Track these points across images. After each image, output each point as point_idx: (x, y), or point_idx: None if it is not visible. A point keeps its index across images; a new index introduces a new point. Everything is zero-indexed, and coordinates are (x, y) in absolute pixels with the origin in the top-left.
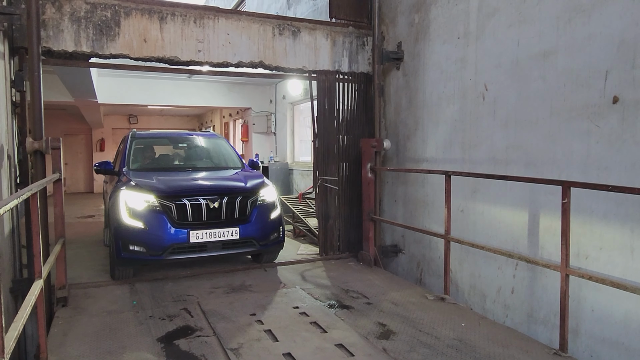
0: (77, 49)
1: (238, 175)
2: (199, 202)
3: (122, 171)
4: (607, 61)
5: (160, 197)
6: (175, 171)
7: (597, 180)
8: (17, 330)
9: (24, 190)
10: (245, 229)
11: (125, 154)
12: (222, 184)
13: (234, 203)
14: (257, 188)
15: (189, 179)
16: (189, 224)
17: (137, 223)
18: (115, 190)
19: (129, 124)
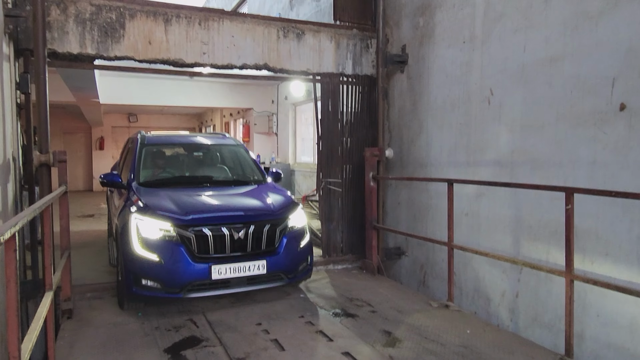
0: (82, 51)
1: (263, 195)
2: (222, 232)
3: (131, 186)
4: (615, 68)
5: (178, 226)
6: (191, 187)
7: (603, 186)
8: (32, 342)
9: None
10: (273, 262)
11: (134, 164)
12: (247, 209)
13: (261, 232)
14: (286, 213)
15: (209, 202)
16: (211, 258)
17: (150, 255)
18: (125, 213)
19: (129, 123)
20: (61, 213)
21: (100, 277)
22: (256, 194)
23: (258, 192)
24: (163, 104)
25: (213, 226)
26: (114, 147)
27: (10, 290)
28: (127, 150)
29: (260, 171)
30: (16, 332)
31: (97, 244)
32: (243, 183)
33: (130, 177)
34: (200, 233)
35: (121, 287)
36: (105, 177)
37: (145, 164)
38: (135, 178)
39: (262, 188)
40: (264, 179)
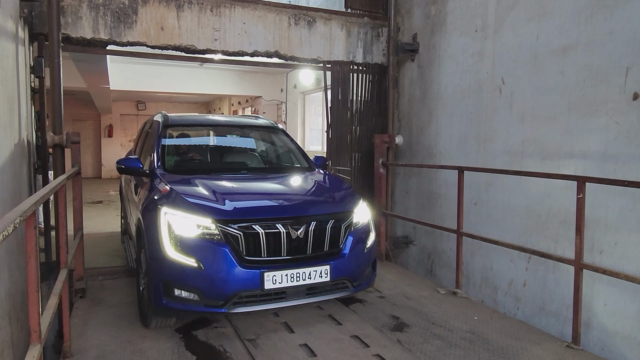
0: (95, 36)
1: (319, 185)
2: (278, 229)
3: (155, 173)
4: (629, 57)
5: (222, 222)
6: (228, 175)
7: (614, 176)
8: (50, 317)
9: (53, 183)
10: (338, 266)
11: (157, 147)
12: (307, 201)
13: (324, 230)
14: (350, 206)
15: (257, 192)
16: (263, 262)
17: (186, 259)
18: (151, 206)
19: (137, 110)
20: (74, 194)
21: (112, 261)
22: (310, 183)
23: (311, 181)
24: (172, 91)
25: (266, 222)
26: (123, 134)
27: (31, 266)
28: (144, 135)
29: (304, 157)
30: (37, 307)
31: (107, 230)
32: (287, 170)
33: (153, 163)
34: (250, 231)
35: (147, 298)
36: (123, 163)
37: (171, 148)
38: (160, 164)
39: (313, 176)
40: (310, 166)
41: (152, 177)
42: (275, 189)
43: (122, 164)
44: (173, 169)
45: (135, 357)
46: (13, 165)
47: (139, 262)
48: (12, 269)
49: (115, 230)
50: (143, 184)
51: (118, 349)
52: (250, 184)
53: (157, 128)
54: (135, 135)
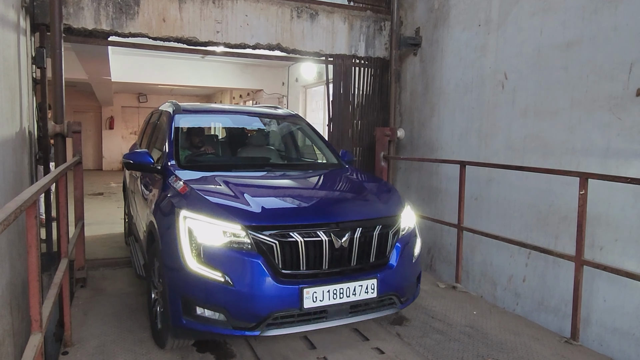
0: (96, 27)
1: (358, 184)
2: (319, 237)
3: (169, 169)
4: (633, 53)
5: (254, 229)
6: (251, 172)
7: (616, 172)
8: (50, 306)
9: (54, 172)
10: (385, 279)
11: (169, 140)
12: (349, 205)
13: (370, 238)
14: (397, 209)
15: (290, 193)
16: (302, 276)
17: (211, 272)
18: (167, 209)
19: (139, 103)
20: (75, 183)
21: (113, 253)
22: (347, 182)
23: (347, 179)
24: (174, 84)
25: (305, 229)
26: (124, 127)
27: (31, 255)
28: (151, 126)
29: (332, 151)
30: (38, 296)
31: (108, 222)
32: (315, 167)
33: (165, 158)
34: (288, 239)
35: (162, 315)
36: (131, 158)
37: (184, 142)
38: (173, 158)
39: (346, 174)
40: (339, 162)
41: (165, 174)
42: (309, 190)
43: (131, 158)
44: (188, 165)
45: (137, 347)
46: (14, 155)
47: (150, 271)
48: (13, 259)
49: (116, 222)
50: (154, 181)
51: (119, 338)
52: (279, 183)
53: (169, 119)
54: (137, 128)
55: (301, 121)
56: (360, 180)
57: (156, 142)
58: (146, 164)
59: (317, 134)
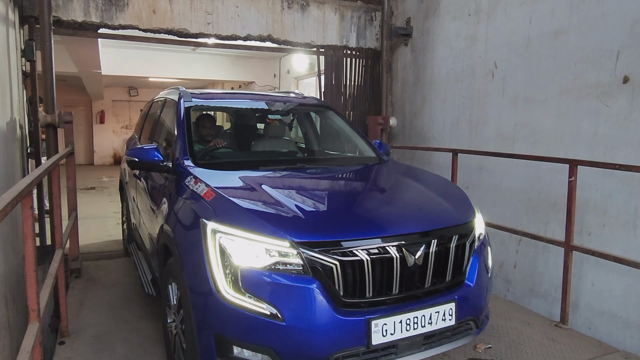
0: (86, 19)
1: (415, 183)
2: (389, 254)
3: (184, 167)
4: (620, 41)
5: (308, 246)
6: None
7: (604, 158)
8: (47, 297)
9: (47, 163)
10: (465, 302)
11: (181, 134)
12: (418, 210)
13: (447, 251)
14: (470, 213)
15: (341, 197)
16: (368, 304)
17: (253, 303)
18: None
19: (129, 97)
20: (68, 174)
21: (106, 246)
22: (402, 181)
23: (401, 177)
24: (164, 76)
25: (372, 243)
26: (115, 121)
27: (27, 246)
28: (152, 118)
29: (368, 143)
30: (34, 286)
31: (101, 215)
32: (353, 162)
33: (178, 155)
34: (351, 258)
35: (187, 355)
36: (135, 154)
37: (198, 135)
38: (187, 155)
39: (395, 170)
40: (378, 155)
41: (179, 174)
42: (363, 192)
43: (136, 155)
44: (205, 162)
45: (133, 336)
46: (6, 149)
47: (164, 290)
48: (7, 252)
49: (109, 216)
50: (164, 182)
51: (115, 328)
52: (323, 184)
53: (176, 108)
54: (128, 122)
55: (329, 109)
56: (415, 178)
57: (160, 136)
58: (155, 162)
59: (347, 122)
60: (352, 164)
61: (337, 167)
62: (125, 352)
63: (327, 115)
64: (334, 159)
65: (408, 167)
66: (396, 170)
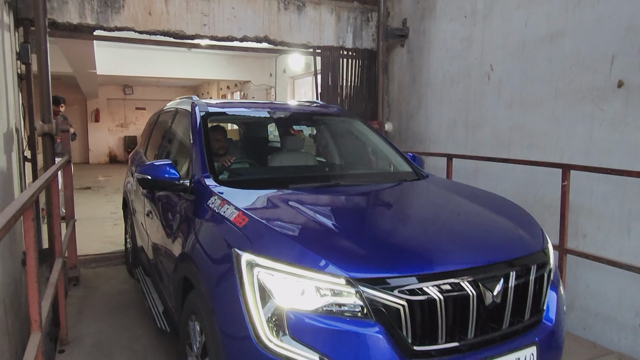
0: (81, 21)
1: (472, 204)
2: (464, 291)
3: (205, 186)
4: (614, 45)
5: (369, 283)
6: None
7: (598, 162)
8: (47, 306)
9: (47, 173)
10: (546, 343)
11: (197, 147)
12: (490, 237)
13: (526, 284)
14: (542, 239)
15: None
16: (440, 352)
17: (302, 353)
18: (216, 249)
19: (124, 95)
20: (65, 183)
21: (103, 247)
22: (457, 201)
23: (453, 197)
24: (160, 76)
25: (442, 278)
26: (110, 119)
27: (30, 257)
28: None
29: (403, 157)
30: (37, 297)
31: (97, 216)
32: (392, 178)
33: (196, 172)
34: (420, 297)
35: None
36: (148, 171)
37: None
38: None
39: (444, 187)
40: (415, 170)
41: (199, 194)
42: (419, 215)
43: (148, 173)
44: (228, 180)
45: (133, 343)
46: (2, 154)
47: (183, 328)
48: (5, 259)
49: (105, 216)
50: (180, 202)
51: (114, 336)
52: (369, 206)
53: (192, 120)
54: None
55: (356, 120)
56: (470, 197)
57: (170, 152)
58: (171, 181)
59: (377, 133)
60: (390, 180)
61: (375, 184)
62: None
63: (354, 126)
64: (368, 175)
65: (455, 183)
66: (445, 188)
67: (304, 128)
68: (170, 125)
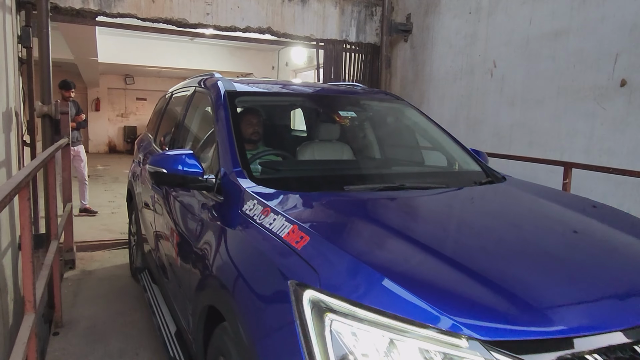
0: (84, 7)
1: (596, 220)
2: None
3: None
4: (618, 44)
5: (504, 348)
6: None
7: (598, 161)
8: (42, 288)
9: (44, 154)
10: None
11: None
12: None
13: None
14: None
15: (519, 245)
16: None
17: None
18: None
19: (125, 84)
20: (63, 165)
21: (100, 235)
22: (571, 217)
23: (561, 210)
24: (162, 66)
25: (611, 340)
26: (110, 109)
27: (25, 237)
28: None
29: (469, 154)
30: (31, 277)
31: (95, 204)
32: (465, 179)
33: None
34: None
35: None
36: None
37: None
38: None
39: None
40: (483, 169)
41: (229, 196)
42: (544, 239)
43: (164, 166)
44: (267, 178)
45: (127, 328)
46: (1, 136)
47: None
48: (2, 242)
49: (103, 204)
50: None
51: (109, 320)
52: (466, 222)
53: (216, 102)
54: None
55: (408, 105)
56: (593, 214)
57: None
58: (193, 175)
59: (435, 124)
60: (462, 182)
61: (447, 187)
62: (119, 344)
63: (405, 114)
64: (434, 174)
65: (545, 188)
66: (548, 198)
67: (350, 114)
68: (187, 108)
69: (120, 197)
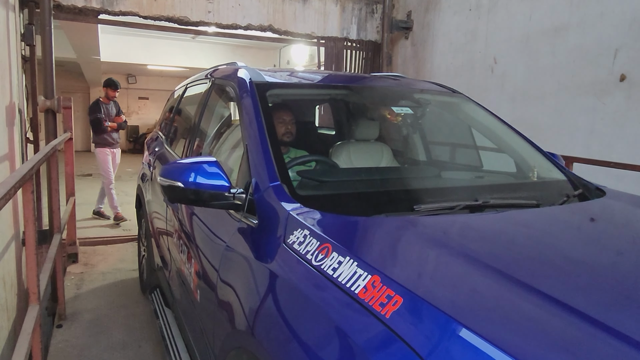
0: (86, 5)
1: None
2: None
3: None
4: (618, 39)
5: None
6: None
7: (598, 155)
8: (45, 280)
9: (46, 148)
10: None
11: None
12: None
13: None
14: None
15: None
16: None
17: None
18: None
19: (127, 84)
20: (66, 159)
21: (103, 232)
22: None
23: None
24: (164, 64)
25: None
26: None
27: (28, 229)
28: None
29: (549, 159)
30: (35, 269)
31: None
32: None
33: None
34: None
35: None
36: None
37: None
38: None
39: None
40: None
41: (266, 219)
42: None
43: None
44: (313, 195)
45: (130, 321)
46: (5, 133)
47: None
48: (4, 235)
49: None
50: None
51: (112, 312)
52: (590, 258)
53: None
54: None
55: (467, 99)
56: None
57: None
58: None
59: (502, 122)
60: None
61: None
62: (122, 337)
63: (463, 110)
64: (513, 187)
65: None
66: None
67: (405, 110)
68: (205, 104)
69: (123, 195)
